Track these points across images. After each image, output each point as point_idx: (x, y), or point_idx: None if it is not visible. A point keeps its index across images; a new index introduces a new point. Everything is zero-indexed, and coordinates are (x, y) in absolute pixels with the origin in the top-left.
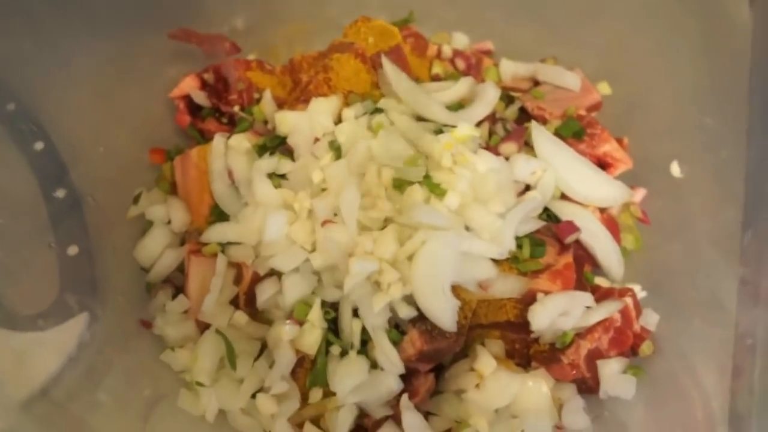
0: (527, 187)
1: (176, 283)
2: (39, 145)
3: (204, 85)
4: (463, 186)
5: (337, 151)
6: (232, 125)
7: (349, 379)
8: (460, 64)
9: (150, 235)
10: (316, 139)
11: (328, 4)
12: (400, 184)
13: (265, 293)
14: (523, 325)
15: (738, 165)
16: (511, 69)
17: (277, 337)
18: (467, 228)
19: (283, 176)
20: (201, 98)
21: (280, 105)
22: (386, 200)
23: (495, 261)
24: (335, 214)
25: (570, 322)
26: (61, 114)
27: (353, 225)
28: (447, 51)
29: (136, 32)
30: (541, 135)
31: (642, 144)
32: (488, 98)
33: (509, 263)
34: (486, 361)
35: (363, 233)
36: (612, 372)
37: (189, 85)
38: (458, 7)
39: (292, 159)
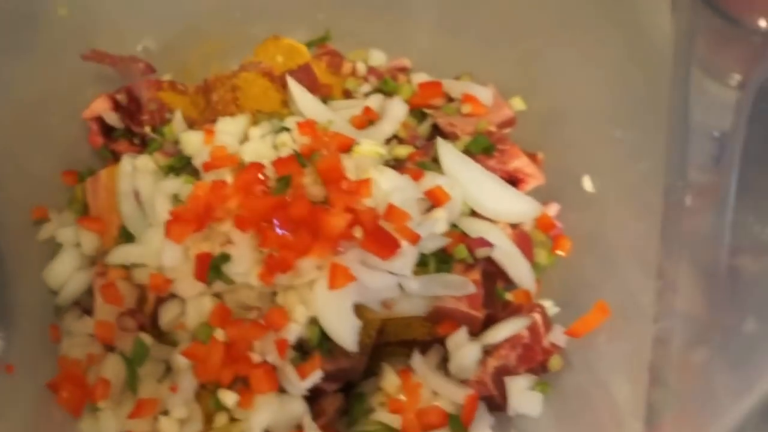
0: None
1: (85, 306)
2: None
3: (117, 106)
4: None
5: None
6: (143, 146)
7: (265, 414)
8: (374, 81)
9: (59, 257)
10: None
11: (245, 23)
12: None
13: (167, 315)
14: (431, 343)
15: (656, 178)
16: None
17: (181, 360)
18: None
19: None
20: (113, 119)
21: (192, 125)
22: None
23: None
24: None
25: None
26: None
27: (249, 249)
28: (362, 68)
29: (52, 54)
30: (447, 151)
31: (557, 159)
32: (395, 114)
33: None
34: (391, 379)
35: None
36: (519, 389)
37: (101, 106)
38: (376, 25)
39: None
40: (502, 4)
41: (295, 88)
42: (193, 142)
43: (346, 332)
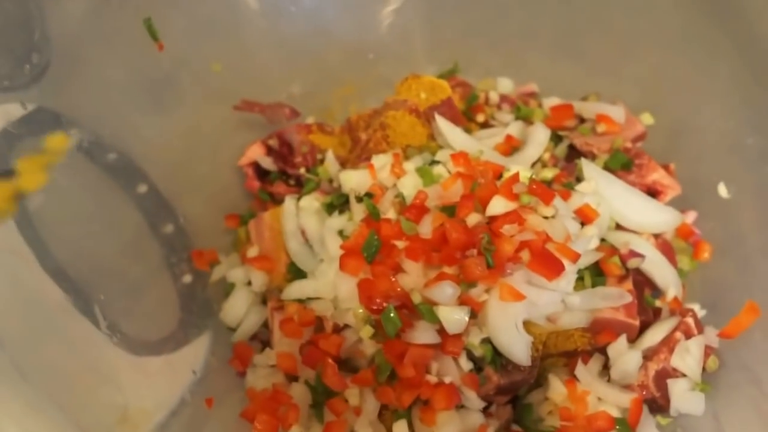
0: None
1: (262, 338)
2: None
3: (269, 151)
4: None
5: (401, 203)
6: (299, 186)
7: (449, 427)
8: (507, 108)
9: (233, 296)
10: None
11: (376, 64)
12: None
13: (346, 343)
14: (590, 352)
15: None
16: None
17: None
18: None
19: None
20: (268, 163)
21: (342, 164)
22: None
23: None
24: None
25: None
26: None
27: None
28: (494, 97)
29: (203, 106)
30: (592, 170)
31: (688, 168)
32: (539, 139)
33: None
34: (558, 389)
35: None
36: (681, 390)
37: (256, 153)
38: (500, 53)
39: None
40: (608, 24)
41: (443, 124)
42: (352, 180)
43: (518, 348)
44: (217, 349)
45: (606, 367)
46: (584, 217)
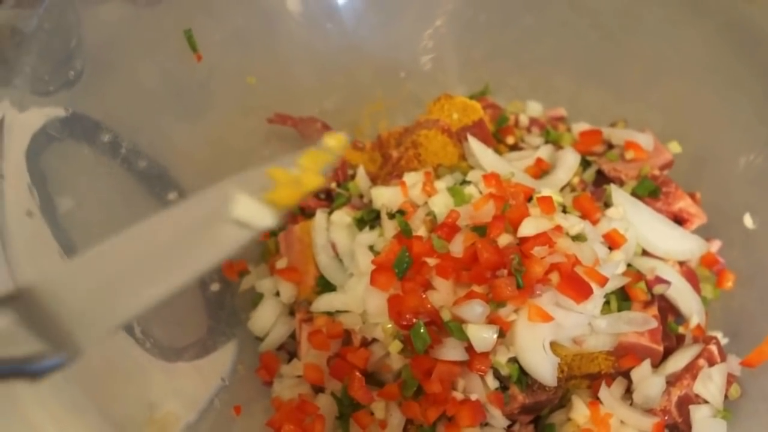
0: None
1: (289, 349)
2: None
3: None
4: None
5: (432, 221)
6: (328, 200)
7: None
8: (537, 132)
9: (262, 306)
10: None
11: (407, 82)
12: None
13: (373, 356)
14: (614, 375)
15: None
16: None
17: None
18: None
19: None
20: None
21: (372, 180)
22: None
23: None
24: None
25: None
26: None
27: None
28: (524, 120)
29: (233, 116)
30: (620, 196)
31: (713, 197)
32: (569, 163)
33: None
34: (582, 411)
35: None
36: (703, 416)
37: None
38: (528, 77)
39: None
40: (635, 52)
41: (475, 144)
42: (383, 197)
43: (545, 369)
44: (244, 357)
45: (629, 391)
46: (612, 242)
